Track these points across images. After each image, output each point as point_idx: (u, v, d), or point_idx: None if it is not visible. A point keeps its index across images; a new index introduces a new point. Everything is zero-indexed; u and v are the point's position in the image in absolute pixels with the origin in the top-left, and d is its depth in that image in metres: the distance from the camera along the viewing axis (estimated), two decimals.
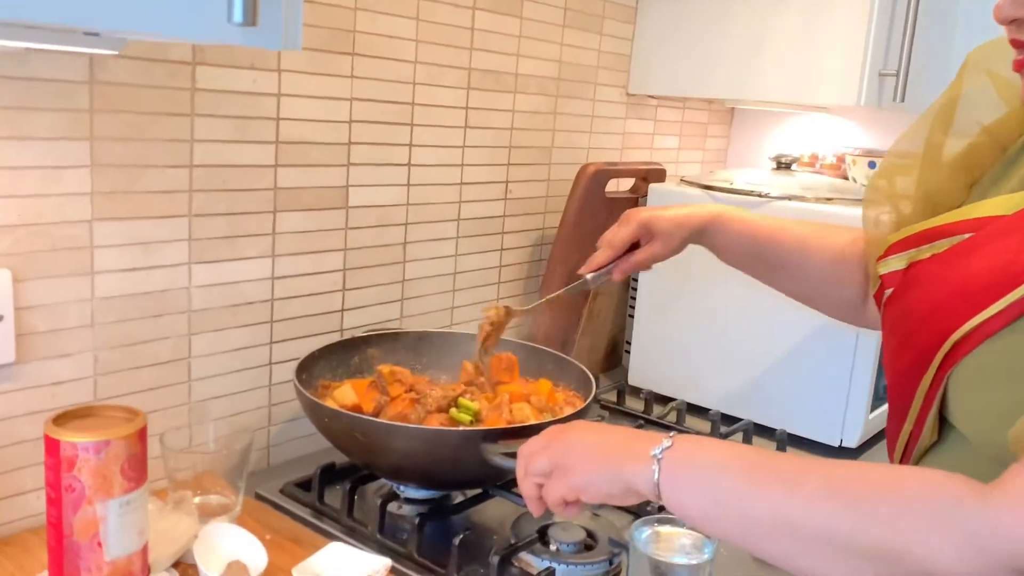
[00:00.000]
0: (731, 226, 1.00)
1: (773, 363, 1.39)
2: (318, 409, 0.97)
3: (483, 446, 0.90)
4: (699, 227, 1.01)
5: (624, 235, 1.01)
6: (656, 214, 1.00)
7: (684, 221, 1.00)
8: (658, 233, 1.00)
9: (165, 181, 1.00)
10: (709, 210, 1.01)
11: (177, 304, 1.04)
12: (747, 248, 1.01)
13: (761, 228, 1.00)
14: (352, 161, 1.20)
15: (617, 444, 0.76)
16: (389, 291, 1.31)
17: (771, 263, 1.00)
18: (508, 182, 1.47)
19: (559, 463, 0.77)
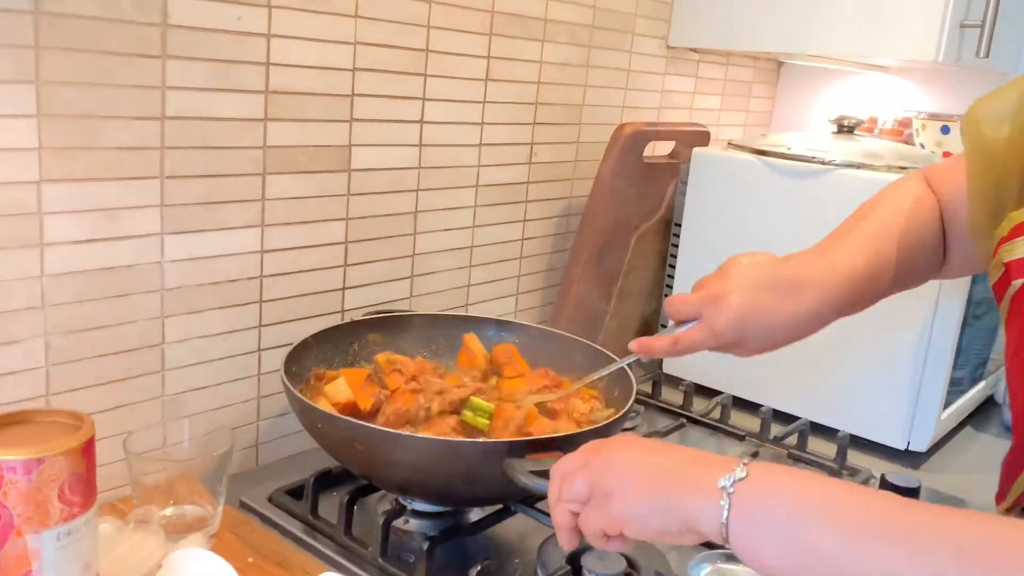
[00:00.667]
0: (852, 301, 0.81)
1: (833, 353, 1.23)
2: (309, 412, 0.82)
3: (508, 462, 0.74)
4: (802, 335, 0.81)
5: (697, 345, 0.80)
6: (751, 333, 0.78)
7: (786, 327, 0.79)
8: (743, 342, 0.79)
9: (131, 136, 0.84)
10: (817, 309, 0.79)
11: (147, 282, 0.88)
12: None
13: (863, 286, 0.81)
14: (355, 116, 1.03)
15: (675, 469, 0.60)
16: (397, 267, 1.14)
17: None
18: (533, 144, 1.30)
19: (599, 487, 0.62)
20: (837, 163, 1.23)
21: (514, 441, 0.77)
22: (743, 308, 0.77)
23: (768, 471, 0.58)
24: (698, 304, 0.80)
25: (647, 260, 1.45)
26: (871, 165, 1.22)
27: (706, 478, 0.58)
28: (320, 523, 0.89)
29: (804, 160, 1.24)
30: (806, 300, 0.78)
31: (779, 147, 1.29)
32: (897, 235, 0.82)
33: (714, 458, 0.61)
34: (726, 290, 0.78)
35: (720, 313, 0.78)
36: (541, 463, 0.74)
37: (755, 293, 0.77)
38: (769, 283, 0.78)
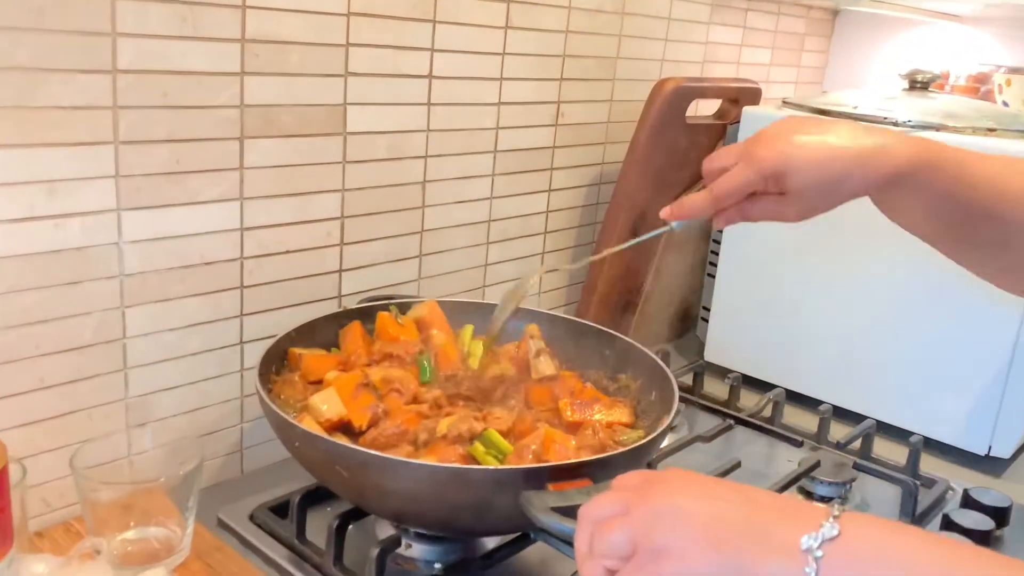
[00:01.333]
0: (937, 180, 0.64)
1: (905, 343, 1.07)
2: (285, 428, 0.68)
3: (526, 496, 0.60)
4: (875, 187, 0.65)
5: (736, 186, 0.67)
6: (798, 160, 0.64)
7: (846, 178, 0.64)
8: (797, 190, 0.66)
9: (76, 93, 0.70)
10: (893, 164, 0.63)
11: (102, 266, 0.75)
12: (948, 222, 0.67)
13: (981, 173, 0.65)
14: (351, 70, 0.88)
15: (745, 521, 0.47)
16: (403, 245, 1.00)
17: (990, 235, 0.67)
18: (560, 103, 1.14)
19: (646, 543, 0.48)
20: (912, 124, 1.06)
21: (532, 468, 0.63)
22: (789, 130, 0.66)
23: (865, 529, 0.45)
24: (739, 147, 0.69)
25: (688, 235, 1.29)
26: (951, 127, 1.06)
27: (787, 535, 0.45)
28: (308, 549, 0.76)
29: (874, 120, 1.07)
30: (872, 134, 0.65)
31: (842, 106, 1.13)
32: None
33: (794, 505, 0.47)
34: (778, 124, 0.68)
35: (762, 141, 0.67)
36: (566, 496, 0.60)
37: (805, 122, 0.67)
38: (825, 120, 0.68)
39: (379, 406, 0.73)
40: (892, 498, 0.92)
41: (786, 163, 0.65)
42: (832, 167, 0.64)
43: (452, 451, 0.67)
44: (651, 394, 0.82)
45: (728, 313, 1.23)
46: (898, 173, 0.63)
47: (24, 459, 0.73)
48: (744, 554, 0.45)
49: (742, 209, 0.70)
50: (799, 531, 0.44)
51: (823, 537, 0.44)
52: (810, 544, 0.44)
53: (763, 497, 0.48)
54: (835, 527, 0.44)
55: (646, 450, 0.67)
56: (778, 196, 0.67)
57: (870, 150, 0.64)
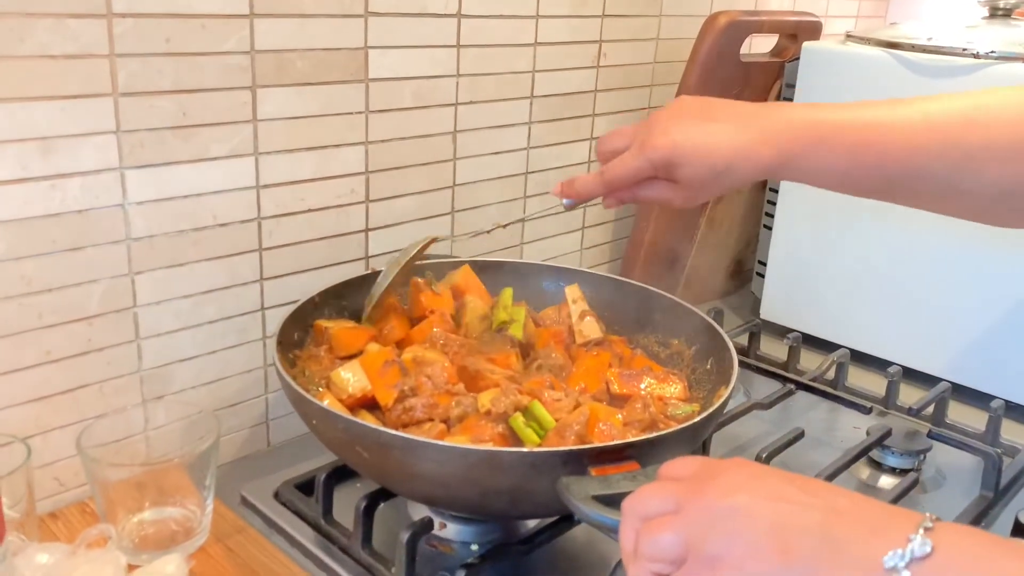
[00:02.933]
0: (832, 156, 0.63)
1: (982, 298, 0.97)
2: (302, 403, 0.62)
3: (563, 482, 0.53)
4: (757, 175, 0.66)
5: (628, 172, 0.67)
6: (684, 153, 0.64)
7: (729, 170, 0.64)
8: (684, 181, 0.66)
9: (67, 40, 0.63)
10: (772, 152, 0.63)
11: (106, 230, 0.69)
12: (869, 180, 0.65)
13: (890, 137, 0.63)
14: (372, 9, 0.81)
15: (818, 530, 0.40)
16: (433, 201, 0.93)
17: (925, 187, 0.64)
18: (602, 42, 1.05)
19: (701, 549, 0.41)
20: (995, 55, 0.95)
21: (572, 450, 0.56)
22: (680, 117, 0.66)
23: (963, 547, 0.38)
24: (633, 130, 0.69)
25: None
26: None
27: (868, 549, 0.38)
28: (335, 530, 0.71)
29: (951, 53, 0.97)
30: (758, 120, 0.65)
31: (916, 37, 1.02)
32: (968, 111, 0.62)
33: (879, 512, 0.40)
34: (671, 107, 0.68)
35: (653, 126, 0.66)
36: (610, 482, 0.53)
37: (696, 108, 0.67)
38: (720, 102, 0.68)
39: (406, 383, 0.66)
40: (971, 470, 0.84)
41: (674, 154, 0.65)
42: (716, 161, 0.64)
43: (487, 429, 0.61)
44: (706, 362, 0.74)
45: (786, 267, 1.14)
46: (781, 159, 0.64)
47: (32, 437, 0.69)
48: (815, 568, 0.39)
49: (632, 192, 0.69)
50: (884, 546, 0.38)
51: (912, 555, 0.37)
52: (895, 563, 0.37)
53: (841, 500, 0.41)
54: (927, 543, 0.37)
55: (702, 428, 0.60)
56: (667, 182, 0.67)
57: (751, 141, 0.63)
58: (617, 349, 0.78)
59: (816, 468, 0.77)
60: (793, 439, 0.82)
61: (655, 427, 0.63)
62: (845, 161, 0.63)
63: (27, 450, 0.63)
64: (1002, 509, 0.80)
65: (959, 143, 0.61)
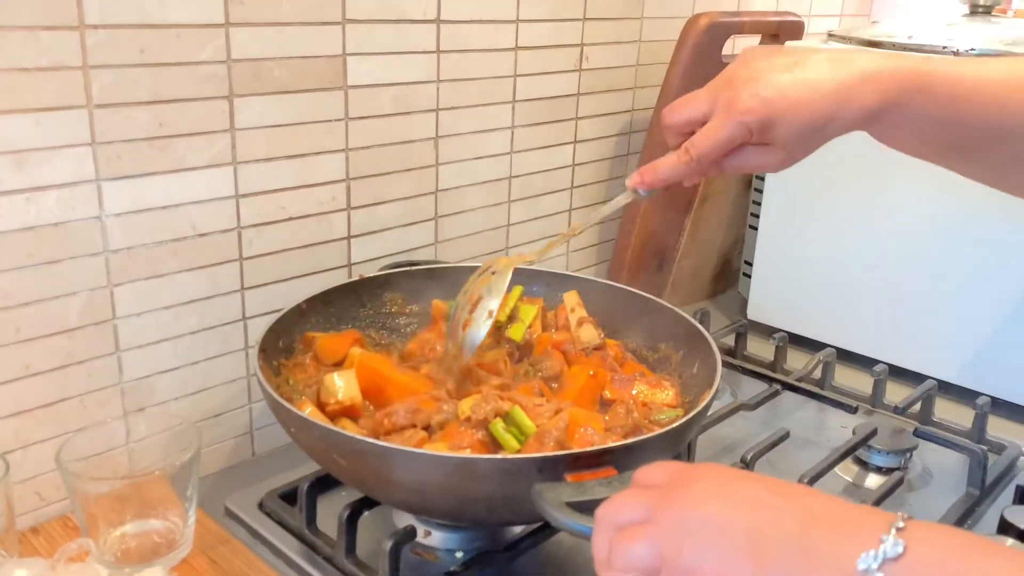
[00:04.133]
0: (930, 104, 0.57)
1: (967, 296, 0.97)
2: (281, 412, 0.62)
3: (537, 489, 0.53)
4: (860, 123, 0.58)
5: (719, 141, 0.59)
6: (782, 109, 0.57)
7: (831, 119, 0.57)
8: (782, 141, 0.58)
9: (40, 52, 0.63)
10: (876, 96, 0.57)
11: (84, 243, 0.69)
12: (956, 135, 0.59)
13: (979, 92, 0.57)
14: (349, 16, 0.81)
15: (791, 535, 0.39)
16: (416, 207, 0.93)
17: (999, 153, 0.59)
18: (584, 45, 1.05)
19: (673, 560, 0.41)
20: (975, 52, 0.96)
21: (547, 456, 0.56)
22: (763, 69, 0.58)
23: (935, 546, 0.37)
24: (708, 95, 0.60)
25: (726, 183, 1.20)
26: (1019, 54, 0.95)
27: (842, 552, 0.38)
28: (319, 540, 0.71)
29: (932, 51, 0.97)
30: (852, 62, 0.58)
31: (895, 37, 1.02)
32: None
33: (852, 514, 0.40)
34: (745, 63, 0.59)
35: (737, 86, 0.58)
36: (585, 489, 0.53)
37: (776, 56, 0.59)
38: (800, 48, 0.60)
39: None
40: (958, 467, 0.84)
41: (771, 112, 0.57)
42: (817, 113, 0.57)
43: (467, 436, 0.61)
44: (693, 367, 0.74)
45: (772, 267, 1.14)
46: (885, 104, 0.57)
47: (13, 452, 0.69)
48: (789, 574, 0.38)
49: (720, 165, 0.61)
50: (856, 548, 0.37)
51: (884, 556, 0.37)
52: (868, 565, 0.37)
53: (814, 503, 0.41)
54: (899, 543, 0.37)
55: (682, 432, 0.60)
56: (760, 146, 0.59)
57: (853, 82, 0.57)
58: (613, 354, 0.78)
59: (802, 468, 0.77)
60: (779, 439, 0.81)
61: (638, 432, 0.63)
62: (942, 112, 0.57)
63: (5, 465, 0.63)
64: (988, 507, 0.80)
65: None
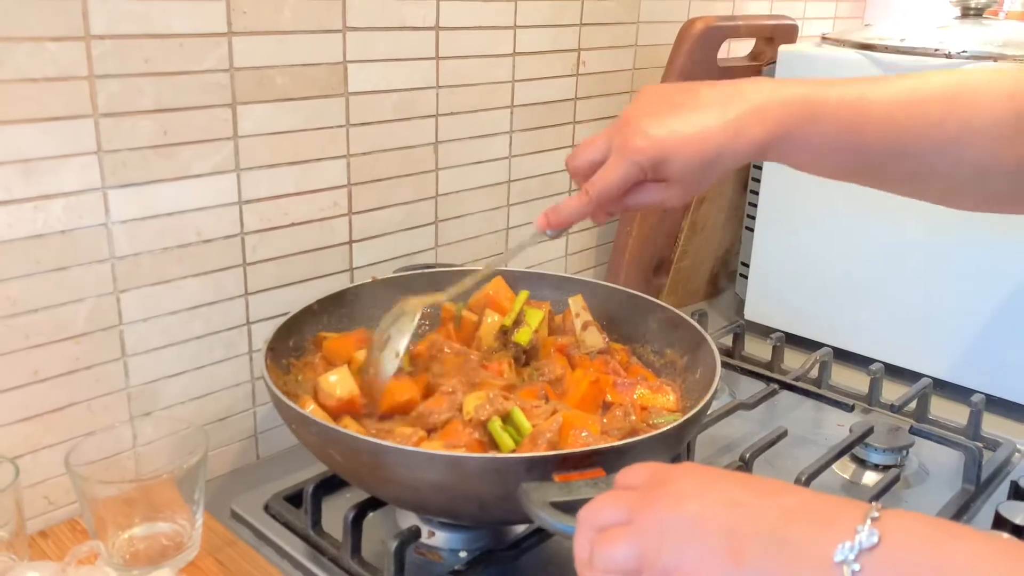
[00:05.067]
0: (822, 133, 0.60)
1: (960, 294, 0.99)
2: (282, 408, 0.63)
3: (523, 488, 0.54)
4: (751, 156, 0.60)
5: (615, 182, 0.61)
6: (671, 145, 0.59)
7: (720, 155, 0.59)
8: (676, 176, 0.60)
9: (47, 63, 0.64)
10: (763, 130, 0.59)
11: (91, 250, 0.70)
12: (855, 158, 0.62)
13: (872, 116, 0.60)
14: (350, 24, 0.82)
15: (768, 530, 0.40)
16: (417, 212, 0.94)
17: (904, 171, 0.62)
18: (581, 50, 1.06)
19: (654, 560, 0.42)
20: (967, 55, 0.97)
21: (535, 456, 0.57)
22: (655, 109, 0.61)
23: (910, 533, 0.38)
24: (605, 137, 0.64)
25: (722, 186, 1.22)
26: (1011, 56, 0.96)
27: (820, 545, 0.39)
28: (324, 541, 0.72)
29: (924, 54, 0.98)
30: (740, 98, 0.60)
31: (889, 38, 1.03)
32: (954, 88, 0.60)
33: (828, 506, 0.41)
34: (639, 103, 0.62)
35: (630, 128, 0.61)
36: (571, 489, 0.54)
37: (667, 96, 0.62)
38: (690, 87, 0.63)
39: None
40: (953, 464, 0.85)
41: (661, 151, 0.60)
42: (706, 149, 0.59)
43: (464, 435, 0.62)
44: (696, 372, 0.75)
45: (768, 268, 1.15)
46: (775, 136, 0.59)
47: (23, 456, 0.70)
48: (768, 570, 0.39)
49: (622, 202, 0.64)
50: (833, 540, 0.38)
51: (860, 546, 0.38)
52: (845, 556, 0.38)
53: (791, 498, 0.42)
54: (874, 533, 0.38)
55: (674, 436, 0.61)
56: (657, 183, 0.62)
57: (742, 116, 0.59)
58: (619, 358, 0.79)
59: (800, 466, 0.78)
60: (777, 438, 0.83)
61: (635, 435, 0.64)
62: (836, 138, 0.60)
63: (15, 470, 0.64)
64: (983, 502, 0.81)
65: (942, 121, 0.59)
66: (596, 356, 0.78)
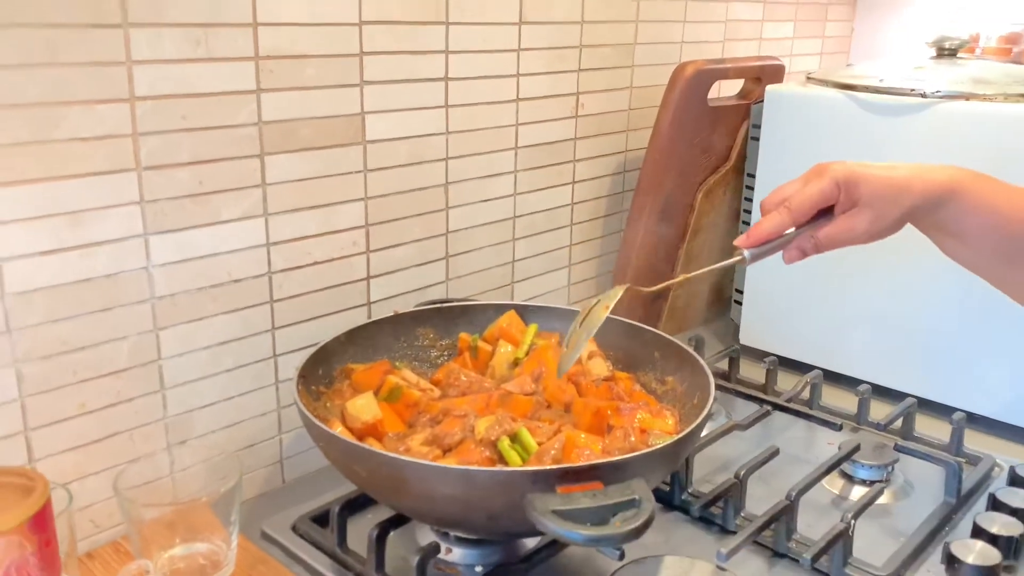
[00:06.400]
0: (982, 199, 0.67)
1: (943, 317, 1.05)
2: (312, 428, 0.70)
3: (528, 499, 0.60)
4: (934, 197, 0.68)
5: (812, 194, 0.69)
6: (865, 172, 0.68)
7: (909, 185, 0.68)
8: (866, 199, 0.68)
9: (95, 123, 0.71)
10: (945, 174, 0.68)
11: (133, 291, 0.76)
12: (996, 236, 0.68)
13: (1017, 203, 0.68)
14: (367, 79, 0.88)
15: None
16: (429, 248, 1.00)
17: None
18: (579, 94, 1.13)
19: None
20: (940, 94, 1.04)
21: (540, 470, 0.63)
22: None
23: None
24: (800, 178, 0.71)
25: (717, 218, 1.28)
26: (981, 95, 1.02)
27: None
28: (349, 558, 0.77)
29: (901, 93, 1.05)
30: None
31: (869, 78, 1.10)
32: None
33: None
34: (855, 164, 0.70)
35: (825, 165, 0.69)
36: (572, 499, 0.60)
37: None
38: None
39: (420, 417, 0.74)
40: (936, 478, 0.91)
41: (855, 174, 0.68)
42: (896, 175, 0.68)
43: (476, 453, 0.68)
44: (694, 397, 0.81)
45: (761, 294, 1.21)
46: (952, 182, 0.68)
47: (71, 483, 0.75)
48: None
49: (814, 233, 0.71)
50: None
51: None
52: None
53: None
54: None
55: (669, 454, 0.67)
56: (847, 212, 0.69)
57: (923, 166, 0.69)
58: (623, 386, 0.85)
59: (792, 482, 0.83)
60: (769, 456, 0.88)
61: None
62: (1005, 202, 0.67)
63: (69, 496, 0.70)
64: (964, 514, 0.86)
65: None
66: (601, 383, 0.84)
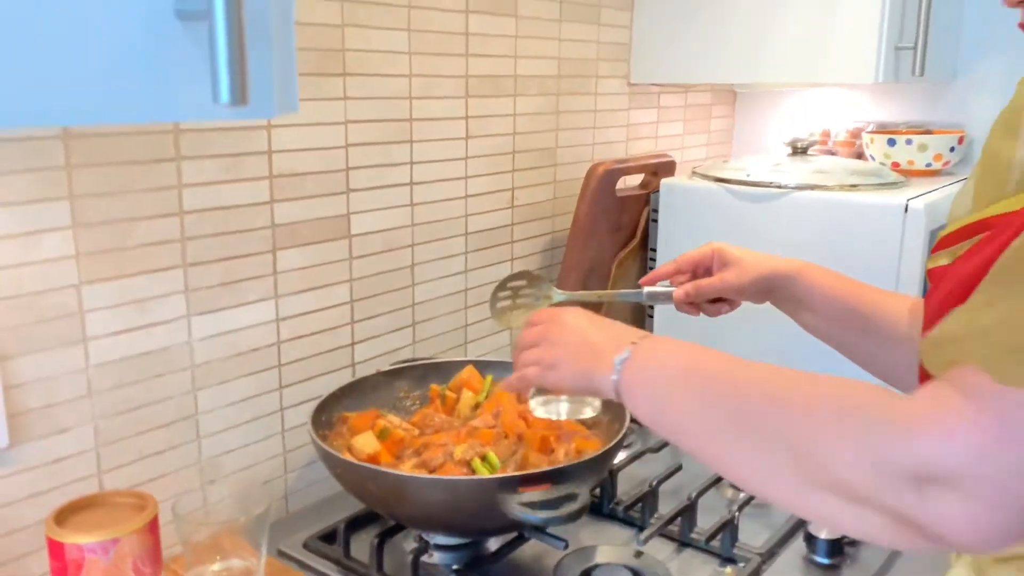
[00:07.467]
0: (820, 278, 0.92)
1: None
2: (330, 458, 0.92)
3: (500, 496, 0.84)
4: (785, 271, 0.92)
5: (694, 253, 0.97)
6: (735, 248, 0.96)
7: (768, 258, 0.94)
8: (734, 261, 0.94)
9: (155, 233, 0.93)
10: (792, 261, 0.94)
11: (179, 360, 0.98)
12: (836, 305, 0.91)
13: (846, 283, 0.92)
14: (352, 187, 1.13)
15: (597, 346, 0.75)
16: (399, 317, 1.24)
17: (859, 325, 0.90)
18: (514, 189, 1.40)
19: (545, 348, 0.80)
20: (791, 186, 1.34)
21: (505, 477, 0.87)
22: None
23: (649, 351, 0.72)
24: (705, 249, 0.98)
25: (628, 284, 1.55)
26: (822, 185, 1.33)
27: (609, 357, 0.73)
28: (353, 564, 0.99)
29: (763, 185, 1.35)
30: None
31: (738, 172, 1.40)
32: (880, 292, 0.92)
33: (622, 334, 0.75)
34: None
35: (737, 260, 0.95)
36: (529, 495, 0.84)
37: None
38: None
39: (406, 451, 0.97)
40: None
41: (728, 245, 0.96)
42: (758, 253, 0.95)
43: (456, 470, 0.91)
44: (615, 426, 1.06)
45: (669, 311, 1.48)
46: (797, 264, 0.93)
47: None
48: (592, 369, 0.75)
49: (696, 282, 0.96)
50: (616, 354, 0.72)
51: (623, 358, 0.71)
52: (616, 361, 0.72)
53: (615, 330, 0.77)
54: (630, 351, 0.71)
55: (597, 465, 0.92)
56: (721, 270, 0.95)
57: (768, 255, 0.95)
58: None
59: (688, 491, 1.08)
60: (674, 470, 1.13)
61: None
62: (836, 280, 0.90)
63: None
64: None
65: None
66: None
